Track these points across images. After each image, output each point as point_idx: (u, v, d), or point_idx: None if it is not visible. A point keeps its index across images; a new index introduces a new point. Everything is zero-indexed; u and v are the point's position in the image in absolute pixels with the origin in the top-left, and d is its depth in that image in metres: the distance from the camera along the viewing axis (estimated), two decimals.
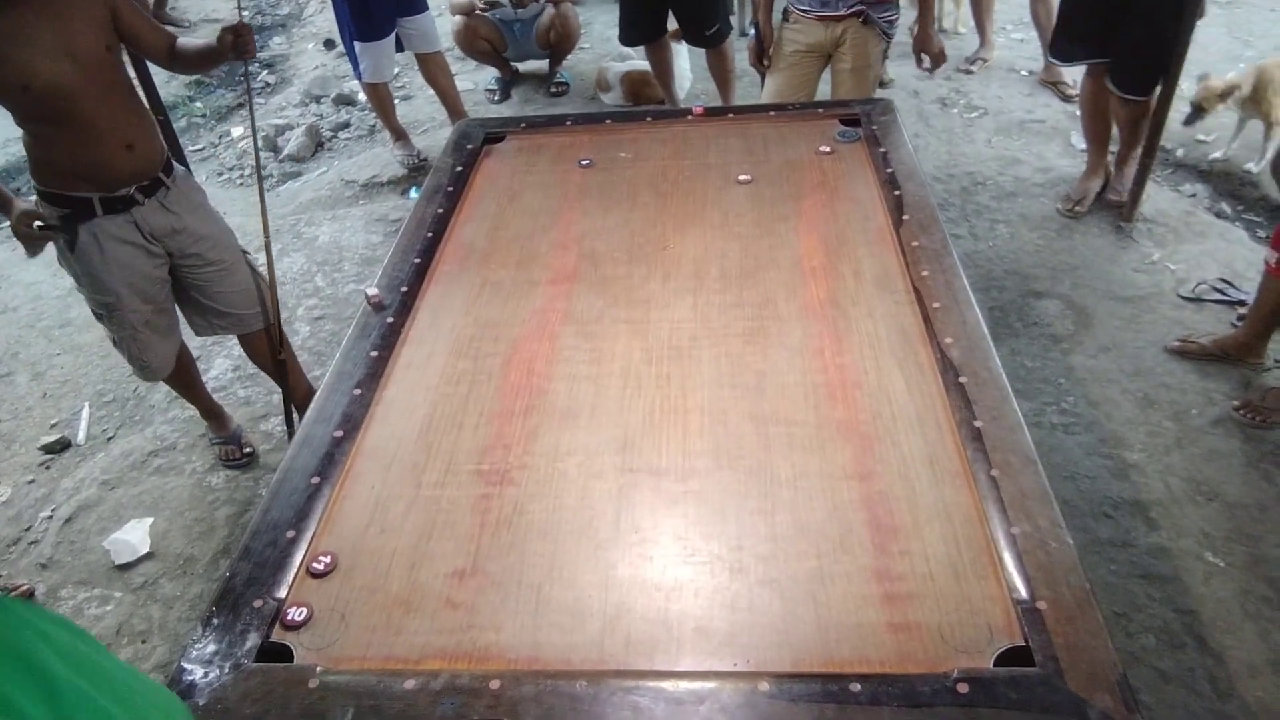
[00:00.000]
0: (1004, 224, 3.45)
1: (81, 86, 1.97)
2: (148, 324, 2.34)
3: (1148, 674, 1.95)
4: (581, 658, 1.19)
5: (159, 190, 2.22)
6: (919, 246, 1.87)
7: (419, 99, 4.87)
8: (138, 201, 2.18)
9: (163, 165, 2.24)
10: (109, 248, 2.18)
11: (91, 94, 1.99)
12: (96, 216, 2.15)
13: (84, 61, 1.96)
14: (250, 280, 2.46)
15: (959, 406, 1.50)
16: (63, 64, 1.93)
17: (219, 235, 2.37)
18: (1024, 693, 1.08)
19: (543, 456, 1.51)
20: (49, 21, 1.91)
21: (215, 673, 1.19)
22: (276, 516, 1.42)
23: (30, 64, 1.90)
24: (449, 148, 2.44)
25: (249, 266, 2.47)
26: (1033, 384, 2.71)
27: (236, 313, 2.47)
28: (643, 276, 1.91)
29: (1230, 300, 2.95)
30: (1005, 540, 1.27)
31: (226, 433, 2.75)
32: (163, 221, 2.24)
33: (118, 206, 2.16)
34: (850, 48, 2.96)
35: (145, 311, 2.32)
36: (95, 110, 2.01)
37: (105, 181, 2.12)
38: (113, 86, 2.05)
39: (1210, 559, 2.18)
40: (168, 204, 2.24)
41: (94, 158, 2.07)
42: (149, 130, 2.19)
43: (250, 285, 2.46)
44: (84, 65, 1.96)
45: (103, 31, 2.01)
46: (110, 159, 2.09)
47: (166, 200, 2.24)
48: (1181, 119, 3.53)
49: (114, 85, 2.06)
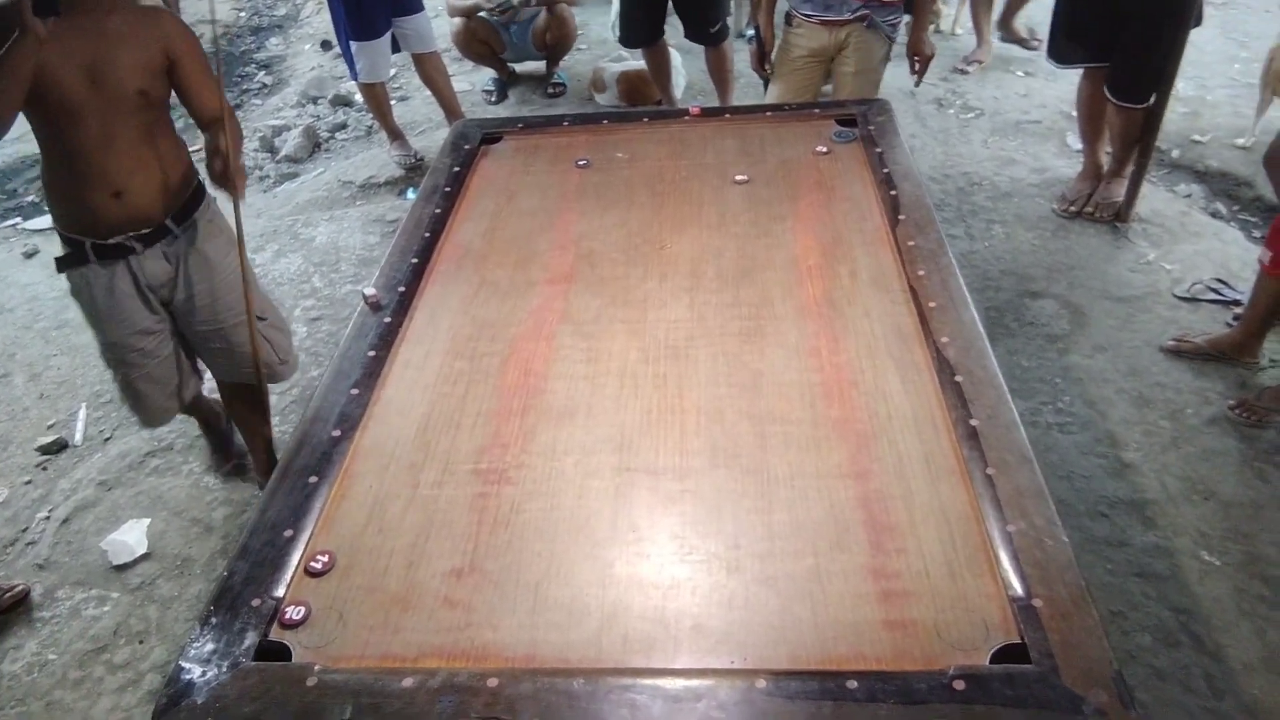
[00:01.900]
0: (1000, 224, 3.46)
1: (86, 115, 1.86)
2: (145, 376, 2.22)
3: (1143, 672, 1.96)
4: (579, 656, 1.20)
5: (162, 239, 2.08)
6: (915, 246, 1.88)
7: (416, 100, 4.87)
8: (133, 250, 2.04)
9: (174, 213, 2.08)
10: (100, 297, 2.07)
11: (94, 127, 1.88)
12: (90, 262, 2.03)
13: (106, 94, 1.86)
14: (246, 348, 2.24)
15: (955, 405, 1.50)
16: (81, 86, 1.84)
17: (222, 295, 2.20)
18: (1020, 690, 1.09)
19: (540, 456, 1.51)
20: (94, 42, 1.84)
21: (213, 672, 1.19)
22: (274, 516, 1.42)
23: (55, 74, 1.81)
24: (446, 148, 2.44)
25: (261, 334, 2.27)
26: (1029, 383, 2.72)
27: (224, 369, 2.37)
28: (640, 276, 1.91)
29: (1225, 300, 2.96)
30: (1001, 538, 1.28)
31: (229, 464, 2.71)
32: (161, 272, 2.10)
33: (112, 254, 2.03)
34: (854, 51, 2.97)
35: (144, 365, 2.19)
36: (91, 147, 1.90)
37: (95, 227, 2.00)
38: (126, 128, 1.92)
39: (1206, 557, 2.19)
40: (170, 255, 2.10)
41: (81, 199, 1.96)
42: (158, 178, 2.02)
43: (245, 352, 2.24)
44: (104, 98, 1.86)
45: (143, 74, 1.90)
46: (96, 204, 1.96)
47: (170, 250, 2.10)
48: (1181, 119, 3.56)
49: (128, 127, 1.93)
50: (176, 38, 1.96)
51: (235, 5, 6.75)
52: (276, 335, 2.38)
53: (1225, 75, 4.47)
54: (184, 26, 2.02)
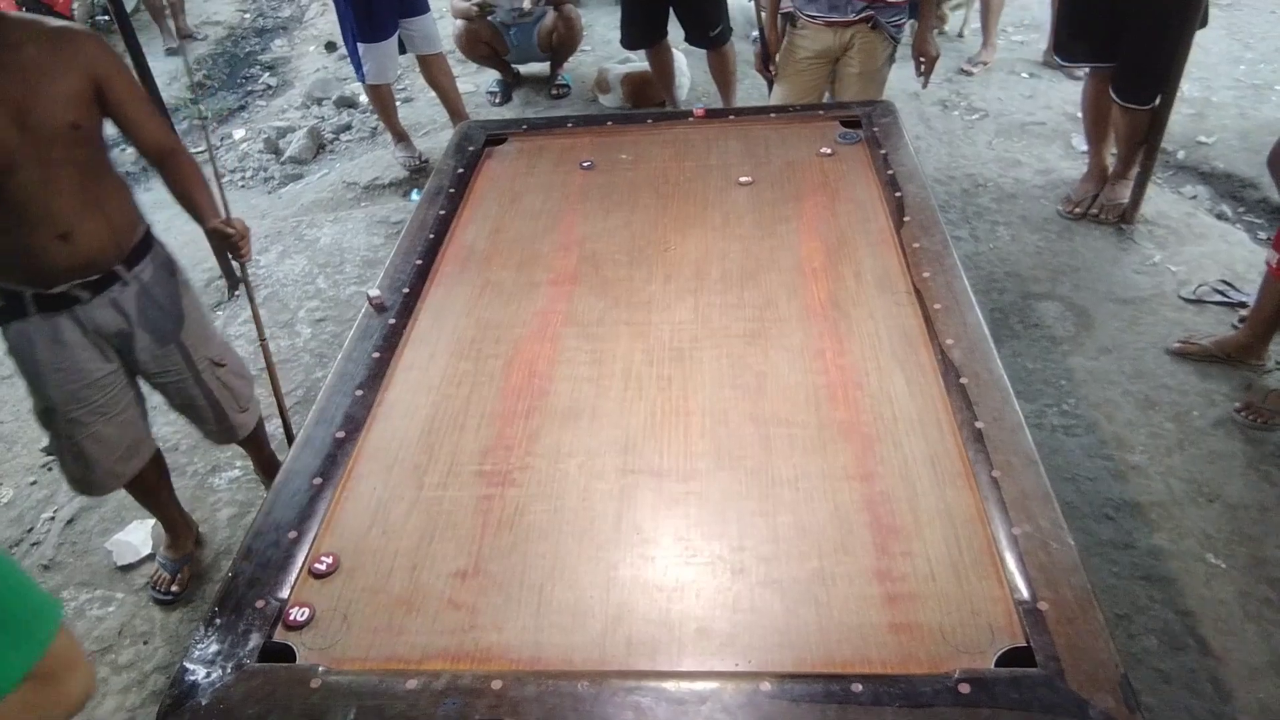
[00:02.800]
0: (1005, 226, 3.45)
1: (22, 161, 1.66)
2: (94, 436, 1.99)
3: (1149, 675, 1.95)
4: (583, 658, 1.20)
5: (111, 286, 1.88)
6: (920, 248, 1.88)
7: (420, 101, 4.88)
8: (79, 299, 1.85)
9: (124, 256, 1.89)
10: (45, 351, 1.86)
11: (33, 172, 1.68)
12: (30, 316, 1.83)
13: (35, 134, 1.66)
14: (210, 397, 2.11)
15: (960, 408, 1.50)
16: (8, 132, 1.63)
17: (177, 344, 2.02)
18: (1026, 693, 1.08)
19: (544, 458, 1.51)
20: (11, 80, 1.63)
21: (218, 673, 1.19)
22: (279, 517, 1.42)
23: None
24: (450, 150, 2.44)
25: (217, 381, 2.12)
26: (1034, 385, 2.72)
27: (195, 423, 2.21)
28: (644, 278, 1.91)
29: (1231, 302, 2.95)
30: (1007, 541, 1.27)
31: (177, 555, 2.37)
32: (110, 321, 1.90)
33: (55, 305, 1.83)
34: (858, 52, 2.97)
35: (92, 423, 1.98)
36: (32, 191, 1.70)
37: (37, 275, 1.79)
38: (65, 166, 1.72)
39: (1211, 560, 2.18)
40: (121, 303, 1.90)
41: (22, 245, 1.75)
42: (104, 218, 1.83)
43: (204, 405, 2.12)
44: (34, 138, 1.66)
45: (73, 106, 1.70)
46: (41, 249, 1.75)
47: (121, 298, 1.90)
48: (1186, 121, 3.55)
49: (67, 165, 1.73)
50: (99, 60, 1.76)
51: (240, 7, 6.77)
52: (236, 382, 2.21)
53: (1230, 76, 4.46)
54: (104, 46, 1.79)
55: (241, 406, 2.24)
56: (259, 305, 1.99)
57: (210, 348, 2.12)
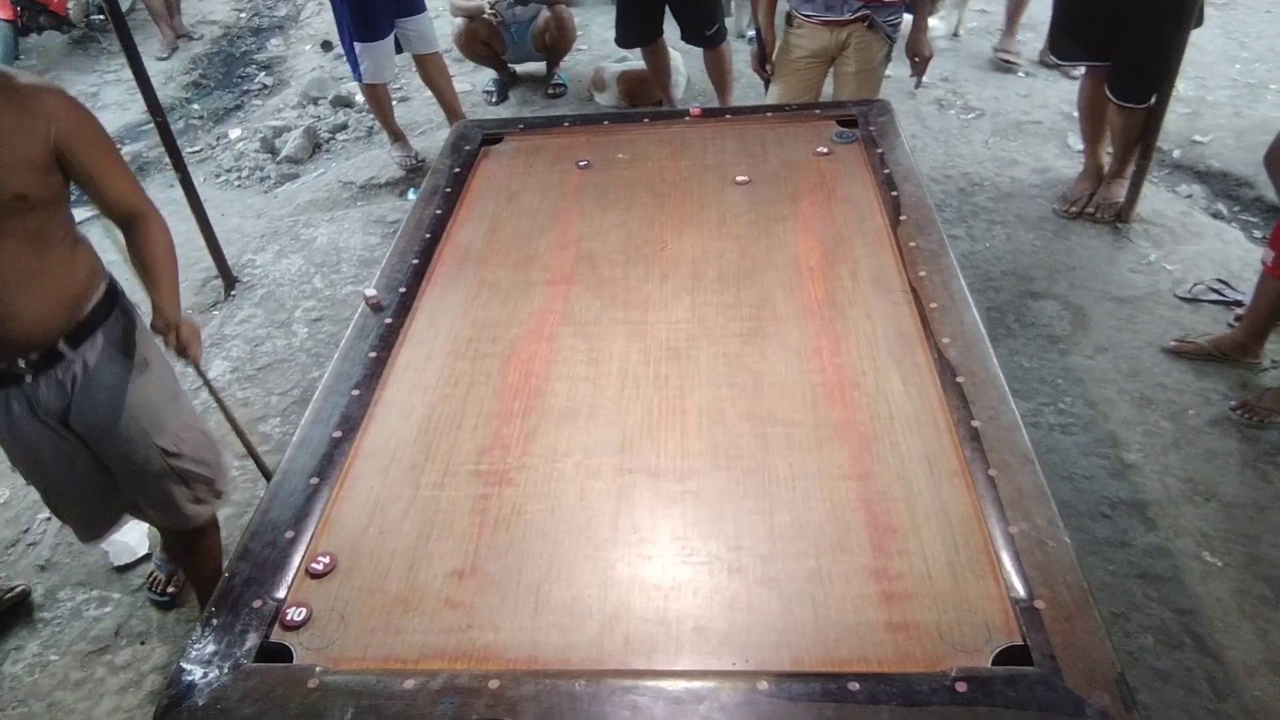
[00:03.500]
0: (1001, 225, 3.45)
1: None
2: (58, 503, 1.91)
3: (1146, 673, 1.95)
4: (580, 657, 1.20)
5: (56, 365, 1.68)
6: (916, 247, 1.88)
7: (416, 100, 4.87)
8: (21, 377, 1.67)
9: (70, 331, 1.68)
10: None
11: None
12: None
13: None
14: (155, 489, 1.88)
15: (957, 406, 1.50)
16: None
17: (128, 428, 1.77)
18: (1022, 692, 1.09)
19: (541, 457, 1.51)
20: None
21: (215, 673, 1.19)
22: (275, 517, 1.42)
23: None
24: (447, 149, 2.44)
25: (168, 472, 1.86)
26: (1030, 384, 2.72)
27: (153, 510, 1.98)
28: (641, 277, 1.91)
29: (1227, 300, 2.96)
30: (1003, 539, 1.28)
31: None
32: (57, 400, 1.72)
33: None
34: (854, 51, 2.97)
35: (51, 493, 1.87)
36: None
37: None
38: (6, 238, 1.54)
39: (1208, 559, 2.19)
40: (65, 382, 1.71)
41: None
42: (49, 291, 1.63)
43: (152, 495, 1.90)
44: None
45: (20, 176, 1.51)
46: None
47: (65, 378, 1.70)
48: (1182, 120, 3.56)
49: (8, 236, 1.54)
50: (65, 122, 1.56)
51: (236, 6, 6.76)
52: (194, 470, 1.91)
53: (1226, 76, 4.46)
54: (68, 102, 1.59)
55: (197, 497, 1.95)
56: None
57: (163, 435, 1.83)
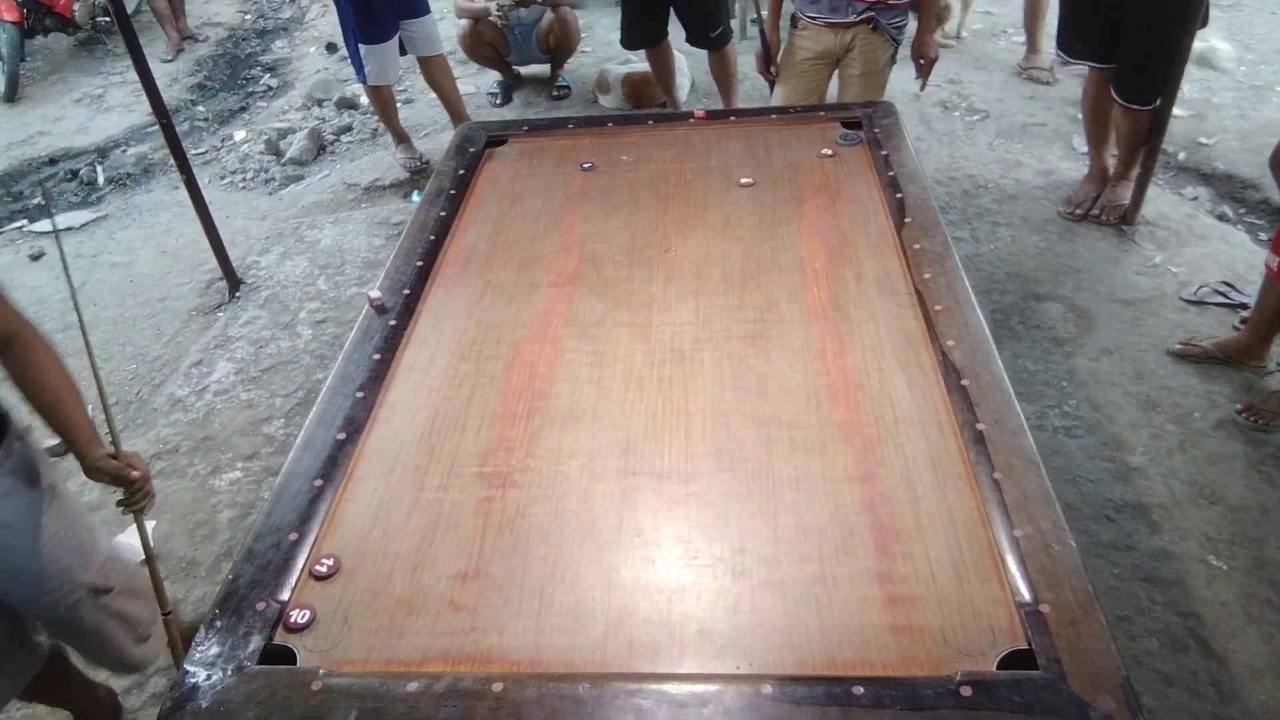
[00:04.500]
0: (1006, 227, 3.45)
1: None
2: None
3: (1150, 677, 1.95)
4: (584, 660, 1.19)
5: None
6: (921, 249, 1.87)
7: (421, 102, 4.88)
8: None
9: None
10: None
11: None
12: None
13: None
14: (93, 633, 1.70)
15: (961, 409, 1.50)
16: None
17: (28, 571, 1.58)
18: (1027, 696, 1.08)
19: (545, 459, 1.51)
20: None
21: (218, 675, 1.19)
22: (279, 519, 1.42)
23: None
24: (451, 151, 2.44)
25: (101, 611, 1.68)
26: (1035, 387, 2.71)
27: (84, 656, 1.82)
28: (645, 279, 1.91)
29: (1232, 303, 2.95)
30: (1008, 543, 1.27)
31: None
32: None
33: None
34: (859, 54, 2.97)
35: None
36: None
37: None
38: None
39: (1213, 562, 2.18)
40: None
41: None
42: None
43: (90, 641, 1.73)
44: None
45: None
46: None
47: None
48: (1187, 122, 3.54)
49: None
50: None
51: (241, 8, 6.78)
52: (131, 605, 1.76)
53: (1231, 78, 4.45)
54: None
55: (141, 635, 1.79)
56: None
57: (88, 570, 1.65)
